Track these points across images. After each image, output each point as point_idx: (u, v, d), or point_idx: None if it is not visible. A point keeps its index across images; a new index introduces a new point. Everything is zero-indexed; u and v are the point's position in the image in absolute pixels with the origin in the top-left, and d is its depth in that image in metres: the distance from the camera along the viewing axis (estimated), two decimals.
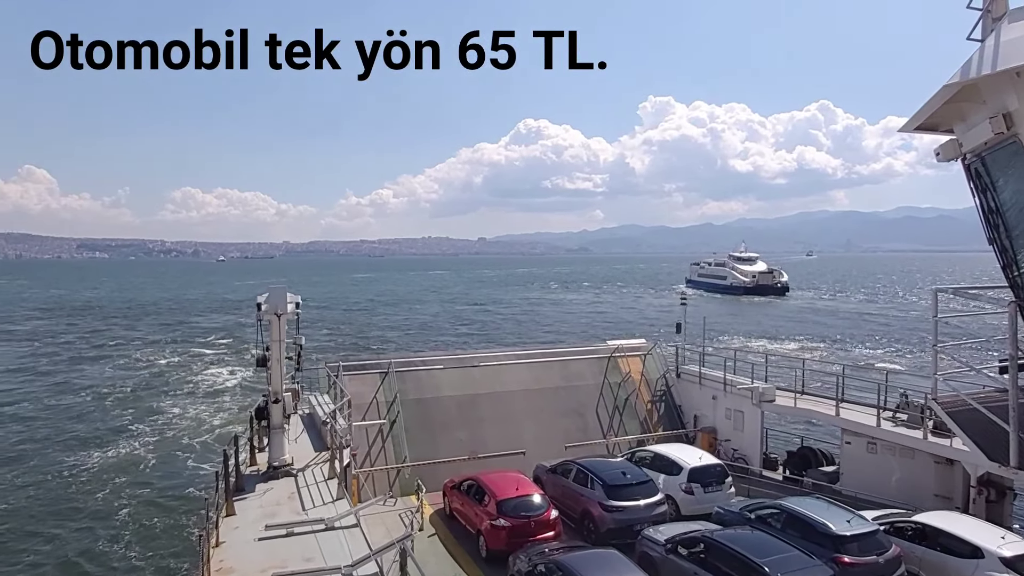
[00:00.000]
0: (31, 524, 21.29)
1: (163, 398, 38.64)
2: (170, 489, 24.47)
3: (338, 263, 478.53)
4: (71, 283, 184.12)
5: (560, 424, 23.02)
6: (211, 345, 60.01)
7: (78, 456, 28.12)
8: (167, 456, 28.18)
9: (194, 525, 20.85)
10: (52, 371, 48.02)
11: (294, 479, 15.88)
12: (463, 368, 23.47)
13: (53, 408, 36.56)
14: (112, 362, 51.71)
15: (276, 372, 15.91)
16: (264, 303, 15.79)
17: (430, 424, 21.65)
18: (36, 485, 24.75)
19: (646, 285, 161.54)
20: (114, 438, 30.70)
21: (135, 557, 19.26)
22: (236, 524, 13.44)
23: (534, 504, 15.90)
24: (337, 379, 20.22)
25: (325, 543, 12.51)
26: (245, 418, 31.52)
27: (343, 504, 14.31)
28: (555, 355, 25.69)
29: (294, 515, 13.87)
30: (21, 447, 29.30)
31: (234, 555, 12.10)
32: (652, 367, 25.71)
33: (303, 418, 20.18)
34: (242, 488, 15.25)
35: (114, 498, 23.56)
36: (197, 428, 32.14)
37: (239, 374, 44.94)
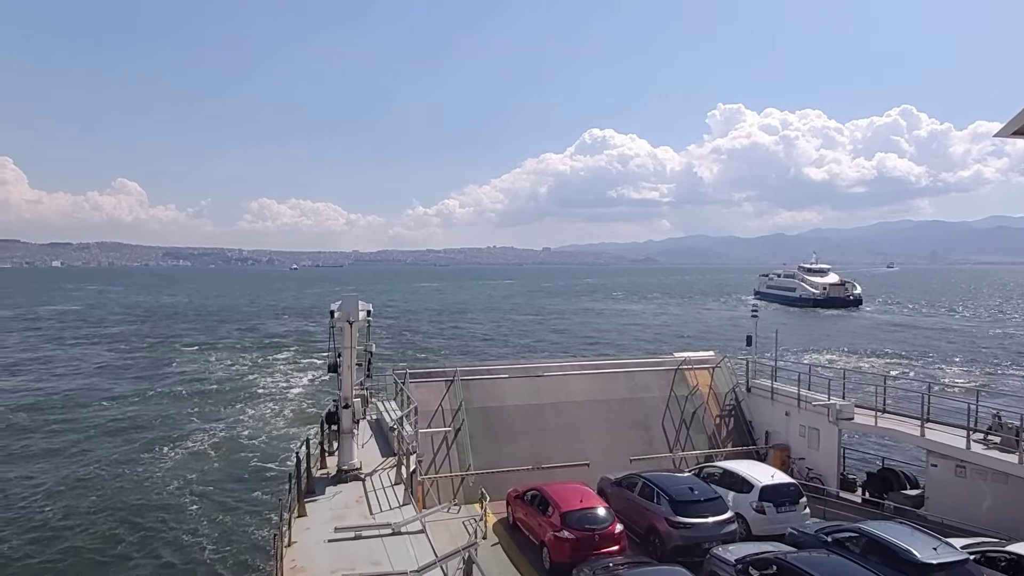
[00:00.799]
0: (106, 517, 22.37)
1: (236, 400, 40.21)
2: (242, 487, 25.37)
3: (404, 272, 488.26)
4: (156, 290, 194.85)
5: (625, 436, 22.68)
6: (283, 350, 62.11)
7: (154, 452, 29.55)
8: (239, 455, 29.27)
9: (264, 523, 21.59)
10: (134, 371, 50.85)
11: (362, 483, 16.23)
12: (528, 378, 23.47)
13: (133, 407, 38.63)
14: (190, 364, 54.28)
15: (347, 378, 16.34)
16: (337, 311, 16.28)
17: (494, 433, 21.72)
18: (113, 479, 26.05)
19: (713, 296, 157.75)
20: (189, 436, 32.13)
21: (209, 551, 19.96)
22: (307, 525, 13.82)
23: (599, 517, 15.69)
24: (404, 386, 20.59)
25: (392, 548, 12.71)
26: (316, 422, 32.57)
27: (409, 510, 14.52)
28: (620, 366, 25.37)
29: (362, 519, 14.16)
30: (100, 443, 31.00)
31: (305, 555, 12.44)
32: (721, 380, 25.04)
33: (371, 424, 20.62)
34: (313, 490, 15.70)
35: (188, 493, 24.62)
36: (268, 429, 33.26)
37: (309, 379, 46.33)
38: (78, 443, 30.79)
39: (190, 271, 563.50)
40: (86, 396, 41.13)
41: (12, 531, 21.12)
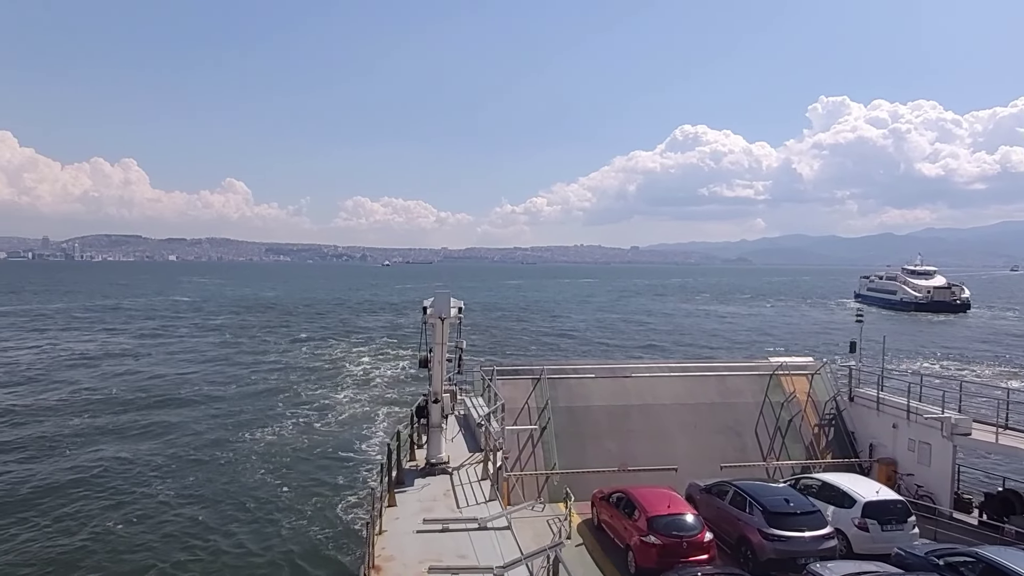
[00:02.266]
0: (202, 498, 23.69)
1: (328, 389, 41.90)
2: (331, 474, 26.29)
3: (491, 269, 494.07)
4: (258, 283, 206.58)
5: (715, 442, 21.98)
6: (374, 343, 64.28)
7: (247, 437, 31.14)
8: (329, 442, 30.41)
9: (351, 509, 22.37)
10: (234, 360, 54.00)
11: (449, 477, 16.54)
12: (614, 378, 23.18)
13: (231, 393, 40.98)
14: (285, 354, 57.13)
15: (437, 373, 16.69)
16: (430, 307, 16.65)
17: (580, 433, 21.58)
18: (210, 461, 27.60)
19: (810, 299, 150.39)
20: (282, 422, 33.74)
21: (301, 533, 20.79)
22: (397, 515, 14.22)
23: (687, 523, 15.28)
24: (491, 383, 20.80)
25: (478, 542, 12.87)
26: (404, 414, 33.44)
27: (495, 506, 14.66)
28: (711, 369, 24.61)
29: (449, 512, 14.42)
30: (198, 427, 32.95)
31: (394, 544, 12.79)
32: (820, 388, 23.80)
33: (459, 419, 20.96)
34: (402, 481, 16.14)
35: (279, 477, 25.77)
36: (357, 419, 34.43)
37: (399, 372, 47.70)
38: (179, 426, 32.93)
39: (289, 266, 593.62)
40: (190, 382, 44.08)
41: (118, 504, 22.84)
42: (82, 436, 30.75)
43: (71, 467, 26.43)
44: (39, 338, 65.59)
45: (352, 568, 17.87)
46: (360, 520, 20.97)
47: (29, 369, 47.74)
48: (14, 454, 27.98)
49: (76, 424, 32.83)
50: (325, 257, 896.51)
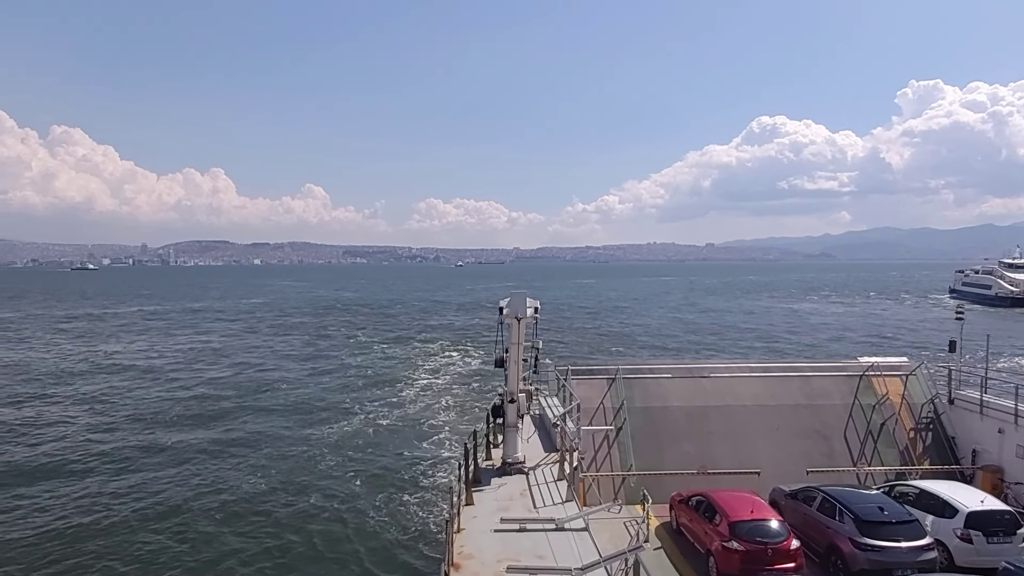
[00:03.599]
0: (280, 494, 24.62)
1: (403, 388, 42.86)
2: (405, 471, 26.83)
3: (563, 268, 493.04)
4: (335, 285, 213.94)
5: (800, 446, 21.09)
6: (448, 342, 65.26)
7: (323, 433, 32.20)
8: (404, 440, 31.11)
9: (425, 505, 22.74)
10: (312, 358, 56.10)
11: (525, 477, 16.57)
12: (692, 378, 22.63)
13: (308, 391, 42.56)
14: (360, 353, 58.87)
15: (513, 373, 16.76)
16: (506, 307, 16.72)
17: (656, 434, 21.19)
18: (287, 459, 28.59)
19: (901, 295, 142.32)
20: (358, 421, 34.68)
21: (378, 529, 21.37)
22: (474, 514, 14.36)
23: (772, 530, 14.72)
24: (566, 382, 20.71)
25: (555, 543, 12.83)
26: (480, 415, 33.75)
27: (572, 506, 14.58)
28: (794, 369, 23.63)
29: (526, 512, 14.45)
30: (276, 423, 34.35)
31: (473, 543, 12.92)
32: (916, 390, 22.46)
33: (534, 419, 20.98)
34: (479, 480, 16.28)
35: (354, 474, 26.51)
36: (432, 418, 35.02)
37: (473, 372, 48.23)
38: (258, 424, 34.46)
39: (365, 268, 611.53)
40: (270, 381, 46.08)
41: (201, 496, 24.10)
42: (169, 432, 32.70)
43: (158, 461, 28.17)
44: (138, 339, 70.25)
45: (431, 565, 18.21)
46: (437, 518, 21.35)
47: (128, 369, 51.16)
48: (112, 446, 30.00)
49: (165, 421, 34.96)
50: (400, 258, 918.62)
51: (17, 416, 35.55)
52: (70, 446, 30.07)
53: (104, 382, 45.31)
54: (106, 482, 25.51)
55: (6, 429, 32.91)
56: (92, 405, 38.28)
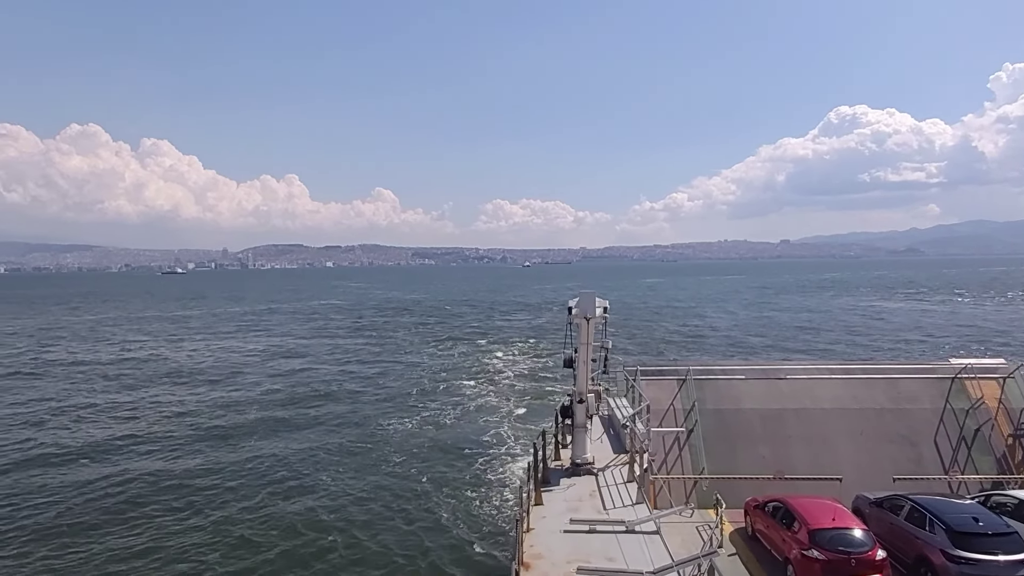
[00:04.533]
0: (350, 489, 25.24)
1: (470, 388, 43.30)
2: (475, 471, 27.02)
3: (630, 268, 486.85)
4: (404, 286, 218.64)
5: (885, 452, 20.06)
6: (515, 343, 65.54)
7: (393, 433, 32.87)
8: (473, 440, 31.35)
9: (497, 506, 22.80)
10: (380, 358, 57.52)
11: (595, 478, 16.45)
12: (768, 380, 21.87)
13: (378, 389, 43.67)
14: (428, 353, 59.95)
15: (582, 373, 16.67)
16: (575, 307, 16.64)
17: (730, 436, 20.59)
18: (357, 455, 29.31)
19: (996, 293, 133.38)
20: (426, 420, 35.31)
21: (448, 526, 21.59)
22: (543, 514, 14.36)
23: (855, 539, 14.03)
24: (635, 383, 20.42)
25: (626, 545, 12.68)
26: (548, 414, 33.66)
27: (642, 509, 14.38)
28: (879, 371, 22.49)
29: (596, 513, 14.34)
30: (347, 422, 35.25)
31: (542, 543, 12.92)
32: (1015, 393, 20.98)
33: (603, 419, 20.79)
34: (548, 480, 16.28)
35: (424, 471, 26.94)
36: (500, 418, 35.17)
37: (541, 372, 48.23)
38: (329, 420, 35.56)
39: (434, 269, 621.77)
40: (338, 378, 47.54)
41: (271, 490, 24.97)
42: (243, 427, 34.23)
43: (230, 456, 29.40)
44: (220, 339, 73.79)
45: (501, 563, 18.30)
46: (505, 516, 21.44)
47: (209, 367, 53.80)
48: (195, 442, 31.56)
49: (239, 417, 36.52)
50: (467, 259, 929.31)
51: (111, 407, 37.99)
52: (142, 436, 31.92)
53: (188, 379, 47.87)
54: (180, 473, 26.86)
55: (96, 417, 35.17)
56: (174, 400, 40.48)
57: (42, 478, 26.45)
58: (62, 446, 30.88)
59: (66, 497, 24.32)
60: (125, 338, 75.52)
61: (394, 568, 19.22)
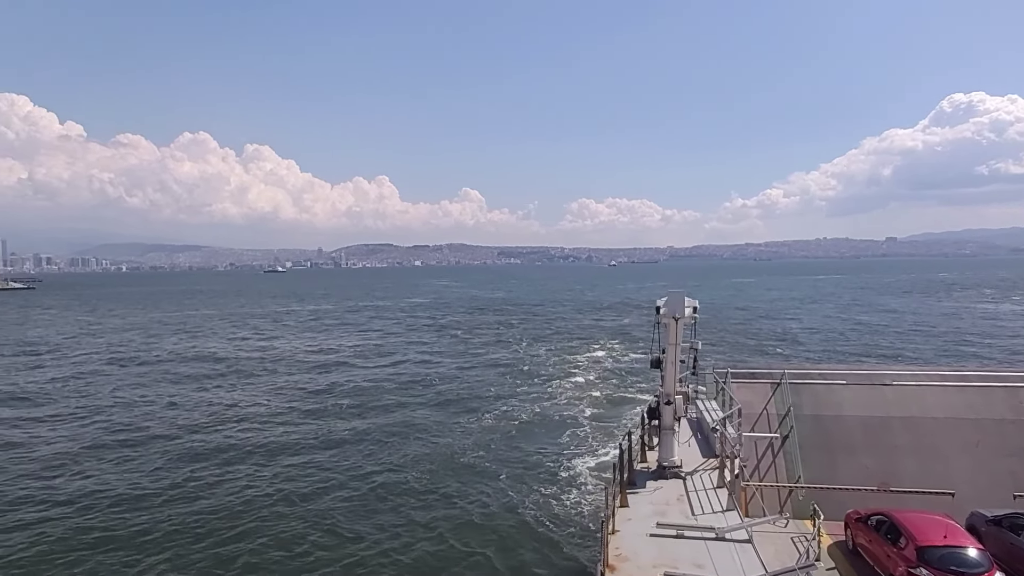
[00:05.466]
0: (430, 483, 25.61)
1: (553, 387, 43.16)
2: (557, 470, 26.82)
3: (720, 267, 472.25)
4: (490, 285, 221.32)
5: (1005, 466, 18.48)
6: (599, 342, 64.97)
7: (477, 429, 33.27)
8: (553, 438, 31.25)
9: (579, 506, 22.55)
10: (464, 355, 58.44)
11: (683, 482, 16.05)
12: (871, 386, 20.63)
13: (459, 385, 44.39)
14: (511, 350, 60.38)
15: (670, 374, 16.30)
16: (663, 307, 16.30)
17: (829, 445, 19.57)
18: (440, 452, 29.66)
19: None
20: (507, 416, 35.54)
21: (531, 524, 21.48)
22: (629, 516, 14.15)
23: (969, 559, 13.02)
24: (725, 386, 19.77)
25: (716, 553, 12.31)
26: (632, 415, 33.19)
27: (733, 516, 13.91)
28: (998, 379, 20.76)
29: (683, 518, 13.99)
30: (428, 416, 35.94)
31: (628, 545, 12.73)
32: None
33: (691, 422, 20.25)
34: (634, 482, 16.02)
35: (507, 469, 26.99)
36: (583, 417, 34.87)
37: (625, 372, 47.51)
38: (411, 414, 36.41)
39: (519, 268, 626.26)
40: (423, 374, 48.65)
41: (353, 484, 25.69)
42: (327, 420, 35.45)
43: (316, 447, 30.54)
44: (316, 334, 77.34)
45: (582, 564, 18.15)
46: (587, 516, 21.23)
47: (306, 361, 56.44)
48: (279, 432, 33.10)
49: (325, 410, 38.03)
50: (552, 259, 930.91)
51: (211, 399, 40.57)
52: (236, 427, 33.79)
53: (284, 371, 50.47)
54: (267, 465, 28.12)
55: (197, 408, 37.61)
56: (266, 392, 42.70)
57: (148, 458, 28.55)
58: (171, 432, 33.21)
59: (167, 476, 26.15)
60: (234, 333, 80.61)
61: (473, 563, 19.33)
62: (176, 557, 19.55)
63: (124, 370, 52.53)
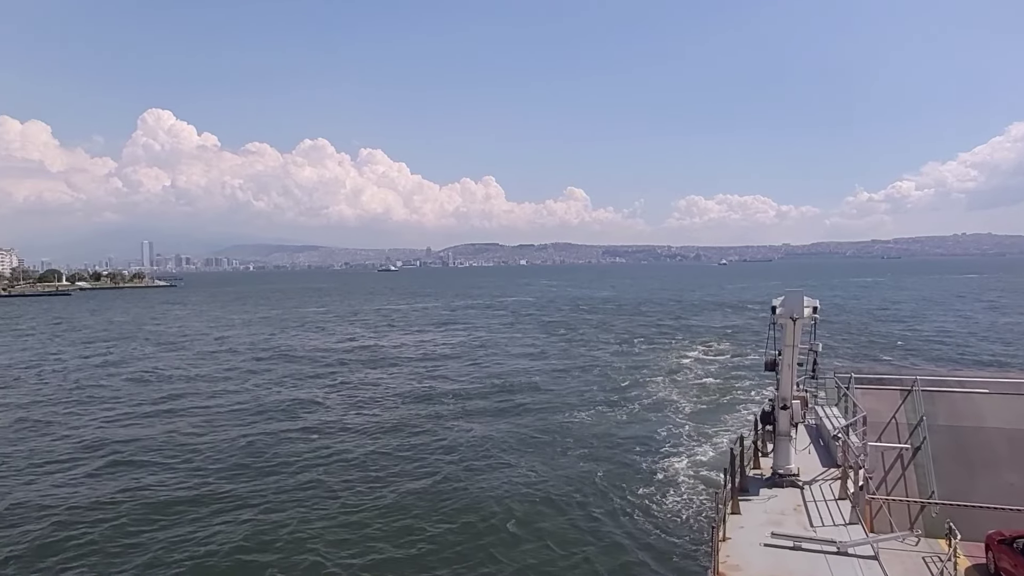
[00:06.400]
0: (533, 479, 25.46)
1: (658, 387, 42.12)
2: (658, 469, 26.18)
3: (842, 266, 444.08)
4: (594, 284, 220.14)
5: None
6: (707, 343, 62.82)
7: (579, 425, 33.13)
8: (656, 438, 30.55)
9: (685, 510, 21.80)
10: (566, 353, 58.37)
11: (800, 491, 15.26)
12: (1018, 396, 18.71)
13: (558, 383, 44.44)
14: (614, 349, 59.68)
15: (786, 377, 15.51)
16: (779, 306, 15.50)
17: (967, 458, 17.92)
18: (544, 449, 29.65)
19: None
20: (608, 415, 35.22)
21: (636, 523, 21.05)
22: (741, 523, 13.63)
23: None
24: (848, 392, 18.58)
25: (837, 567, 11.63)
26: (741, 419, 31.95)
27: (857, 530, 13.07)
28: None
29: (801, 529, 13.31)
30: (529, 414, 36.06)
31: (739, 554, 12.27)
32: None
33: (809, 429, 19.20)
34: (746, 489, 15.40)
35: (605, 466, 26.61)
36: (689, 419, 33.73)
37: (735, 374, 45.54)
38: (511, 411, 36.76)
39: (624, 267, 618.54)
40: (524, 371, 49.21)
41: (466, 470, 26.10)
42: (429, 415, 36.36)
43: (418, 441, 31.22)
44: (424, 332, 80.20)
45: (692, 570, 17.64)
46: (693, 520, 20.57)
47: (414, 356, 58.54)
48: (382, 426, 34.32)
49: (429, 405, 39.06)
50: (659, 257, 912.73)
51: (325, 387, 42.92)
52: (336, 418, 35.45)
53: (393, 365, 52.59)
54: (370, 455, 29.12)
55: (327, 395, 39.83)
56: (380, 383, 44.58)
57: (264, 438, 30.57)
58: (299, 418, 35.44)
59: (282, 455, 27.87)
60: (350, 330, 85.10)
61: (576, 562, 19.01)
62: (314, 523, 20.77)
63: (263, 362, 56.73)
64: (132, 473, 26.98)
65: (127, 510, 22.83)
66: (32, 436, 33.08)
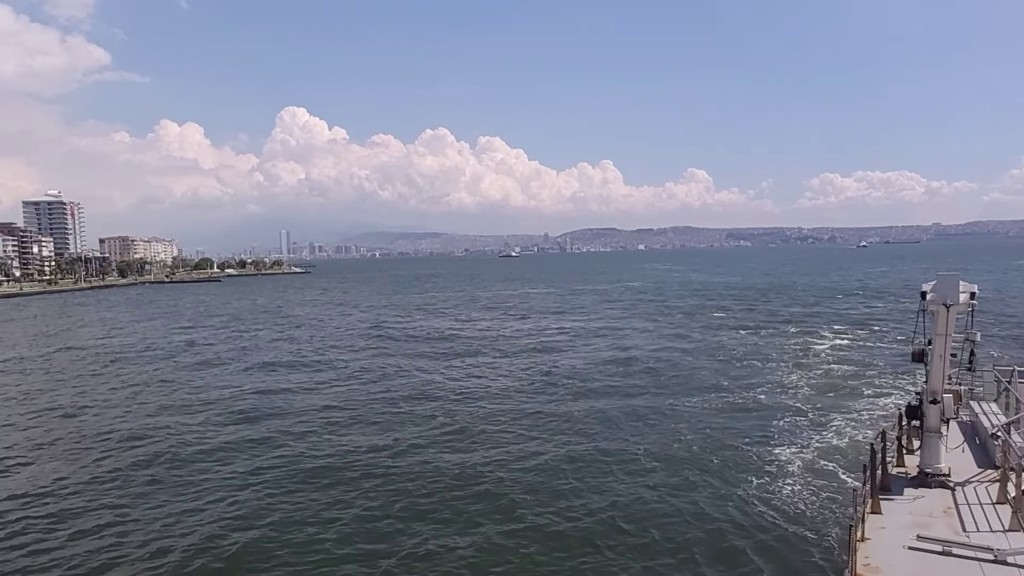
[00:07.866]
0: (650, 469, 24.55)
1: (789, 375, 39.89)
2: (788, 460, 24.70)
3: (1004, 247, 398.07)
4: (716, 269, 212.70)
5: None
6: (844, 330, 58.76)
7: (699, 412, 32.07)
8: (785, 427, 29.03)
9: (817, 505, 20.44)
10: (683, 338, 57.21)
11: (951, 493, 14.07)
12: None
13: (679, 370, 43.20)
14: (735, 336, 57.39)
15: (936, 369, 14.24)
16: (931, 291, 14.17)
17: None
18: (654, 430, 28.94)
19: None
20: (731, 401, 34.03)
21: (762, 521, 19.73)
22: (882, 524, 12.83)
23: None
24: (1011, 386, 16.82)
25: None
26: (882, 413, 29.78)
27: (1019, 538, 11.88)
28: None
29: (952, 533, 12.30)
30: (646, 400, 34.84)
31: (880, 556, 11.56)
32: None
33: (962, 426, 17.58)
34: (888, 488, 14.44)
35: (728, 456, 25.54)
36: (825, 410, 31.59)
37: (875, 364, 42.21)
38: (626, 398, 35.75)
39: (750, 251, 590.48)
40: (638, 358, 48.08)
41: (579, 460, 25.83)
42: (545, 399, 36.33)
43: (531, 426, 31.27)
44: (544, 317, 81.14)
45: (827, 570, 16.70)
46: (823, 516, 19.40)
47: (532, 342, 59.40)
48: (509, 407, 34.88)
49: (550, 387, 39.43)
50: (788, 240, 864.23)
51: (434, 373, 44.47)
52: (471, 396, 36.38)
53: (517, 350, 53.61)
54: (487, 440, 29.56)
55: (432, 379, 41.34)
56: (494, 369, 45.55)
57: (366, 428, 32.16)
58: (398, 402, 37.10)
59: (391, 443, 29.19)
60: (470, 316, 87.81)
61: (702, 553, 18.35)
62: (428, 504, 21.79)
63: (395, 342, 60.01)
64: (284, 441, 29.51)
65: (278, 475, 24.99)
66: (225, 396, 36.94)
